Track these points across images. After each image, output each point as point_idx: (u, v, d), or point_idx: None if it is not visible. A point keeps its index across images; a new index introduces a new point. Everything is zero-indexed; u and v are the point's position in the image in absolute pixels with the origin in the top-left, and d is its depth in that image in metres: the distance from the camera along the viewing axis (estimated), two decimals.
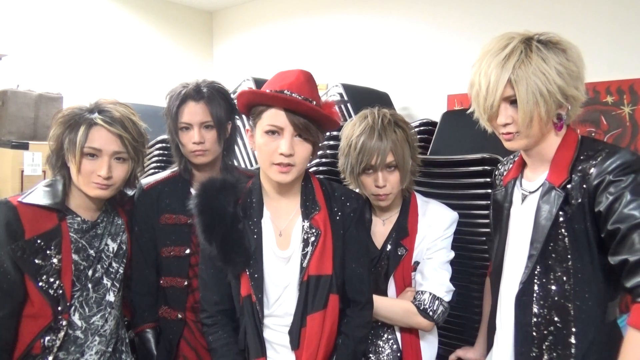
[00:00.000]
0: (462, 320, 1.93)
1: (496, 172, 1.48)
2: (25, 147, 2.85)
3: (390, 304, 1.50)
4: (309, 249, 1.31)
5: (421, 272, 1.52)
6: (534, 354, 1.20)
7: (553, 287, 1.18)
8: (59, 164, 1.40)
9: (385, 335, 1.54)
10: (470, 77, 1.24)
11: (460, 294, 1.89)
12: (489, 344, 1.40)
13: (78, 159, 1.34)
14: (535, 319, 1.20)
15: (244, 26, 4.39)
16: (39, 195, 1.36)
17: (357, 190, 1.61)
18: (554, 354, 1.18)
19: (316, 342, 1.29)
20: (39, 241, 1.31)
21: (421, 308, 1.46)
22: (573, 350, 1.15)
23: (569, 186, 1.17)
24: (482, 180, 1.83)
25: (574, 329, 1.16)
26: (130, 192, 1.61)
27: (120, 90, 3.70)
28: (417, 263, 1.55)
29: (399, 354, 1.52)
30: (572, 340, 1.16)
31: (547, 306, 1.19)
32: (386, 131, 1.46)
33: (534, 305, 1.20)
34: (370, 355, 1.54)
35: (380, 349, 1.54)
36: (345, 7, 3.68)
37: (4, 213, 1.30)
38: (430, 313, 1.45)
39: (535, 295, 1.20)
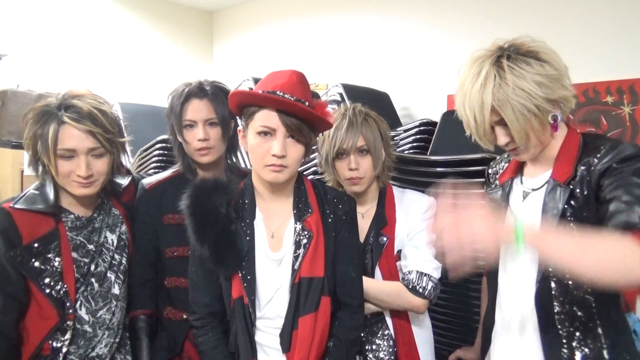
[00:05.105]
0: (462, 320, 1.93)
1: (489, 171, 1.48)
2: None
3: (380, 285, 1.52)
4: (301, 251, 1.31)
5: (404, 256, 1.54)
6: (565, 354, 1.17)
7: (570, 282, 1.18)
8: (39, 166, 1.36)
9: (380, 332, 1.54)
10: (456, 106, 1.25)
11: (460, 294, 1.90)
12: (486, 341, 1.40)
13: (53, 162, 1.30)
14: (558, 317, 1.19)
15: (244, 26, 4.39)
16: (31, 200, 1.34)
17: (332, 179, 1.63)
18: (586, 350, 1.16)
19: (307, 344, 1.28)
20: (36, 245, 1.31)
21: (410, 286, 1.47)
22: (603, 340, 1.14)
23: (573, 181, 1.18)
24: (481, 180, 1.83)
25: (598, 321, 1.15)
26: (122, 181, 1.58)
27: (120, 90, 3.70)
28: (400, 252, 1.56)
29: (395, 349, 1.52)
30: (600, 331, 1.15)
31: (567, 302, 1.18)
32: (357, 118, 1.54)
33: (555, 303, 1.19)
34: (369, 354, 1.54)
35: (376, 346, 1.54)
36: (345, 7, 3.68)
37: (0, 220, 1.29)
38: (420, 290, 1.46)
39: (553, 292, 1.19)
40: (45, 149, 1.30)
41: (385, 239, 1.54)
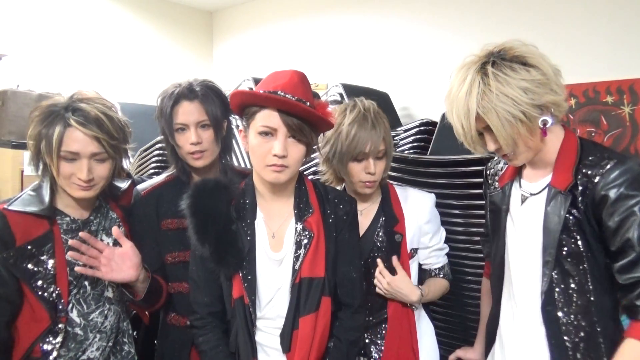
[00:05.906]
0: (462, 320, 1.94)
1: (488, 172, 1.47)
2: (25, 147, 2.80)
3: (438, 287, 1.63)
4: (302, 251, 1.31)
5: (431, 257, 1.63)
6: None
7: (574, 292, 1.18)
8: (41, 165, 1.36)
9: (384, 332, 1.55)
10: (446, 113, 1.25)
11: (460, 294, 1.90)
12: (489, 345, 1.40)
13: (56, 163, 1.30)
14: (563, 327, 1.19)
15: (244, 26, 4.39)
16: (26, 202, 1.33)
17: (330, 173, 1.62)
18: (589, 359, 1.17)
19: (308, 344, 1.28)
20: (29, 247, 1.30)
21: (449, 279, 1.67)
22: (603, 348, 1.16)
23: (575, 189, 1.17)
24: (481, 180, 1.83)
25: (599, 328, 1.16)
26: (121, 184, 1.56)
27: (120, 90, 3.70)
28: (414, 250, 1.57)
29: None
30: (601, 340, 1.16)
31: (571, 312, 1.18)
32: (377, 120, 1.51)
33: (559, 313, 1.19)
34: (373, 354, 1.54)
35: (379, 347, 1.54)
36: (345, 7, 3.68)
37: None
38: (451, 277, 1.68)
39: (557, 302, 1.19)
40: (48, 149, 1.30)
41: (400, 237, 1.54)
